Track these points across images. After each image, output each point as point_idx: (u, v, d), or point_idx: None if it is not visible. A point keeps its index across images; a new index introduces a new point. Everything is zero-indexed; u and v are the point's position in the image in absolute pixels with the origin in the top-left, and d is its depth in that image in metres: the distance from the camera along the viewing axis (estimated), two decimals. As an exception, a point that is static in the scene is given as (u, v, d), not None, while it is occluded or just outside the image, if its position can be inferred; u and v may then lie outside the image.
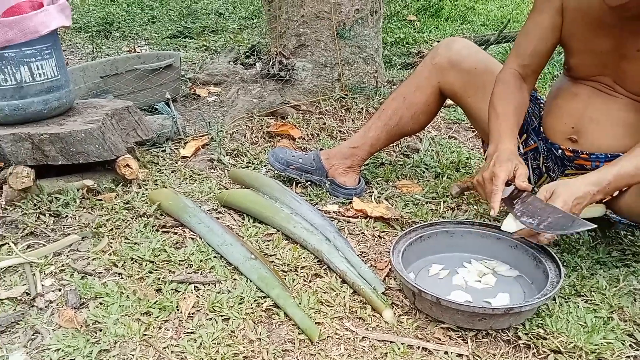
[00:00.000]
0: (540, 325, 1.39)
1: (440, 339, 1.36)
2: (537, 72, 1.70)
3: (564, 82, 1.68)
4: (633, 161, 1.40)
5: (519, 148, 1.77)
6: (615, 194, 1.51)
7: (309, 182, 2.04)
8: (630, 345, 1.35)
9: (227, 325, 1.38)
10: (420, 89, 1.87)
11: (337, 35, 2.77)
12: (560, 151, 1.65)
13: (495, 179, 1.46)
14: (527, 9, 5.16)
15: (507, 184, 1.49)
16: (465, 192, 1.94)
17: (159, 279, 1.55)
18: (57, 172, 1.96)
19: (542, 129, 1.72)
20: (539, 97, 1.78)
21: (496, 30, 4.13)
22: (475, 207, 1.95)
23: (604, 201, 1.57)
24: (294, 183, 2.07)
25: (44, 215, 1.84)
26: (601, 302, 1.48)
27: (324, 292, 1.51)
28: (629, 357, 1.31)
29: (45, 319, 1.40)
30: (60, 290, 1.51)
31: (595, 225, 1.38)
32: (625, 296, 1.51)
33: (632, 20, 1.42)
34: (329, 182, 1.99)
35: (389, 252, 1.52)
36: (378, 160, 2.30)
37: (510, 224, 1.46)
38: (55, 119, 1.98)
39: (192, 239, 1.74)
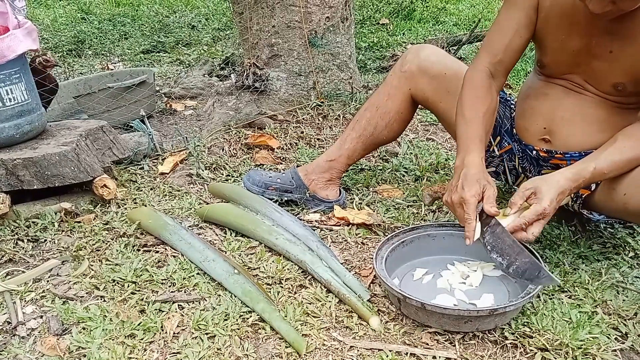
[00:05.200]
0: (526, 323, 1.39)
1: (428, 344, 1.36)
2: (509, 69, 1.67)
3: (534, 81, 1.69)
4: (608, 157, 1.42)
5: (493, 150, 1.78)
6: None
7: (289, 201, 2.00)
8: (615, 338, 1.36)
9: (213, 343, 1.36)
10: (391, 97, 1.88)
11: (310, 44, 2.78)
12: (534, 152, 1.66)
13: (465, 206, 1.43)
14: (497, 7, 5.21)
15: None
16: (437, 201, 1.95)
17: (142, 299, 1.53)
18: (33, 196, 1.93)
19: (514, 131, 1.73)
20: (509, 99, 1.79)
21: (468, 30, 4.16)
22: (450, 212, 1.96)
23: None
24: (275, 194, 2.06)
25: (22, 241, 1.81)
26: (585, 297, 1.49)
27: (310, 303, 1.50)
28: (615, 350, 1.32)
29: (28, 347, 1.38)
30: (41, 317, 1.48)
31: (559, 282, 1.42)
32: (608, 289, 1.52)
33: (607, 21, 1.43)
34: (311, 198, 1.97)
35: (372, 258, 1.52)
36: (357, 166, 2.30)
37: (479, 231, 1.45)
38: (28, 143, 1.95)
39: (174, 256, 1.72)
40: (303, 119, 2.74)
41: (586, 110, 1.56)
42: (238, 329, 1.41)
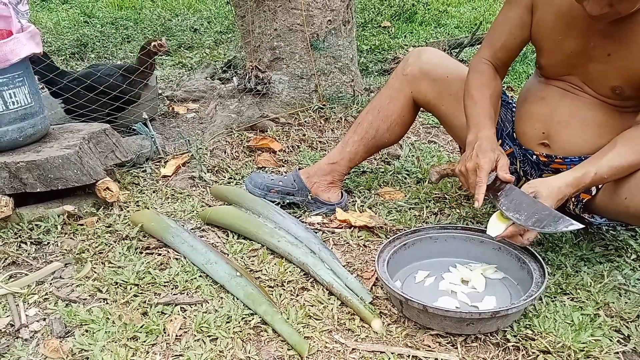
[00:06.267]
0: (528, 326, 1.39)
1: (430, 346, 1.36)
2: (507, 66, 1.73)
3: (534, 83, 1.69)
4: (608, 162, 1.42)
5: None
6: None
7: (291, 204, 2.01)
8: (618, 341, 1.36)
9: (216, 345, 1.37)
10: (393, 100, 1.88)
11: (311, 47, 2.78)
12: (534, 157, 1.66)
13: (479, 170, 1.48)
14: (499, 10, 5.22)
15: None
16: (444, 178, 1.95)
17: (144, 302, 1.53)
18: (36, 199, 1.94)
19: (515, 135, 1.74)
20: (510, 102, 1.80)
21: (470, 33, 4.16)
22: (458, 210, 1.96)
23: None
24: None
25: (25, 243, 1.81)
26: (587, 299, 1.49)
27: (312, 306, 1.51)
28: (617, 353, 1.32)
29: (31, 350, 1.38)
30: (44, 319, 1.49)
31: (582, 226, 1.39)
32: (610, 292, 1.52)
33: (605, 24, 1.43)
34: (313, 201, 1.97)
35: (374, 261, 1.53)
36: (359, 169, 2.31)
37: (493, 228, 1.46)
38: (32, 146, 1.96)
39: (177, 259, 1.72)
40: (305, 121, 2.74)
41: (584, 113, 1.56)
42: (240, 332, 1.41)
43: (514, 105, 1.78)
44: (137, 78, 2.50)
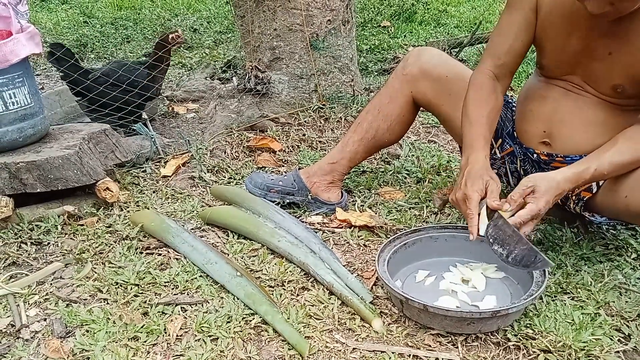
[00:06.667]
0: (528, 325, 1.40)
1: (430, 346, 1.36)
2: (513, 72, 1.68)
3: (534, 83, 1.69)
4: (609, 159, 1.42)
5: (495, 152, 1.79)
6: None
7: (291, 204, 2.01)
8: (618, 340, 1.36)
9: (216, 345, 1.37)
10: (393, 100, 1.88)
11: (311, 47, 2.78)
12: (535, 155, 1.66)
13: (468, 202, 1.45)
14: (499, 9, 5.22)
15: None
16: (448, 204, 1.95)
17: (145, 302, 1.53)
18: (36, 199, 1.94)
19: (515, 134, 1.73)
20: (510, 101, 1.79)
21: (469, 32, 4.16)
22: (458, 210, 1.96)
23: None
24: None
25: (26, 244, 1.81)
26: (587, 299, 1.49)
27: (312, 305, 1.51)
28: (618, 352, 1.32)
29: (32, 350, 1.38)
30: (45, 320, 1.49)
31: (553, 264, 1.42)
32: (610, 291, 1.52)
33: (606, 23, 1.43)
34: (313, 201, 1.97)
35: (375, 260, 1.53)
36: (359, 169, 2.31)
37: (483, 226, 1.45)
38: (32, 146, 1.95)
39: (177, 259, 1.73)
40: (305, 121, 2.75)
41: (585, 112, 1.56)
42: (241, 332, 1.41)
43: (514, 104, 1.78)
44: (158, 74, 2.52)
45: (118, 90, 2.41)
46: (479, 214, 1.44)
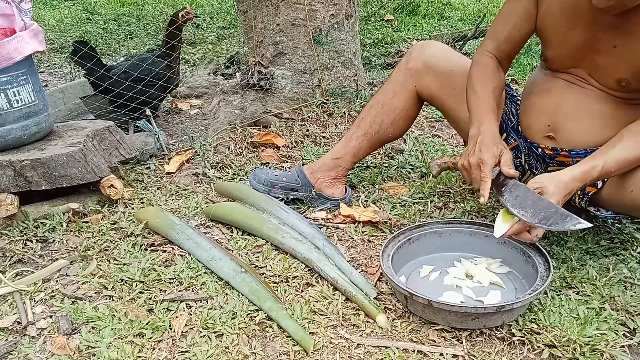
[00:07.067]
0: (533, 320, 1.39)
1: (435, 341, 1.36)
2: (511, 58, 1.72)
3: (539, 76, 1.68)
4: (615, 156, 1.41)
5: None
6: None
7: (295, 199, 2.01)
8: (623, 334, 1.36)
9: (221, 341, 1.37)
10: (397, 94, 1.88)
11: (314, 42, 2.78)
12: (540, 150, 1.65)
13: (483, 166, 1.47)
14: (503, 1, 5.19)
15: None
16: (445, 171, 1.94)
17: (150, 298, 1.54)
18: (41, 197, 1.94)
19: (520, 128, 1.73)
20: (515, 94, 1.79)
21: (473, 25, 4.15)
22: (462, 205, 1.96)
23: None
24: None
25: (31, 241, 1.82)
26: (592, 293, 1.49)
27: (317, 301, 1.51)
28: (623, 346, 1.32)
29: (38, 347, 1.39)
30: (51, 317, 1.50)
31: (590, 225, 1.37)
32: (616, 285, 1.52)
33: (611, 16, 1.42)
34: (316, 196, 1.97)
35: (379, 256, 1.53)
36: (363, 164, 2.30)
37: (499, 228, 1.45)
38: (36, 144, 1.96)
39: (181, 255, 1.73)
40: (308, 116, 2.74)
41: (590, 105, 1.55)
42: (245, 328, 1.41)
43: (518, 98, 1.77)
44: (172, 63, 2.57)
45: (141, 84, 2.45)
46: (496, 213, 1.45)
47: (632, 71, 1.46)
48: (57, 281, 1.64)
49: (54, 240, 1.83)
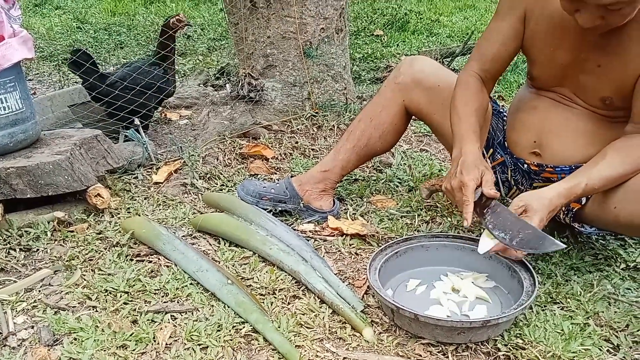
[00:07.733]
0: (518, 335, 1.40)
1: (421, 355, 1.36)
2: (496, 78, 1.72)
3: (525, 94, 1.70)
4: (599, 173, 1.43)
5: (486, 161, 1.80)
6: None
7: (283, 211, 2.00)
8: (607, 350, 1.37)
9: (206, 354, 1.36)
10: (385, 109, 1.88)
11: (304, 55, 2.79)
12: (525, 166, 1.67)
13: (464, 189, 1.47)
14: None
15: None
16: (435, 194, 1.95)
17: (134, 310, 1.52)
18: (26, 205, 1.92)
19: (506, 144, 1.74)
20: (501, 111, 1.80)
21: (461, 42, 4.18)
22: (449, 219, 1.97)
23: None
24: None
25: (14, 250, 1.80)
26: (577, 309, 1.50)
27: (303, 314, 1.50)
28: (606, 362, 1.33)
29: (19, 358, 1.37)
30: (33, 327, 1.48)
31: (564, 246, 1.41)
32: (600, 301, 1.53)
33: (596, 36, 1.44)
34: (305, 208, 1.97)
35: (366, 269, 1.52)
36: (351, 177, 2.31)
37: (483, 245, 1.46)
38: (22, 151, 1.94)
39: (167, 266, 1.72)
40: (297, 129, 2.75)
41: (575, 123, 1.57)
42: (231, 340, 1.40)
43: (505, 114, 1.79)
44: (169, 71, 2.58)
45: (137, 92, 2.45)
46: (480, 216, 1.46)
47: (615, 89, 1.48)
48: (39, 291, 1.62)
49: (37, 250, 1.81)
